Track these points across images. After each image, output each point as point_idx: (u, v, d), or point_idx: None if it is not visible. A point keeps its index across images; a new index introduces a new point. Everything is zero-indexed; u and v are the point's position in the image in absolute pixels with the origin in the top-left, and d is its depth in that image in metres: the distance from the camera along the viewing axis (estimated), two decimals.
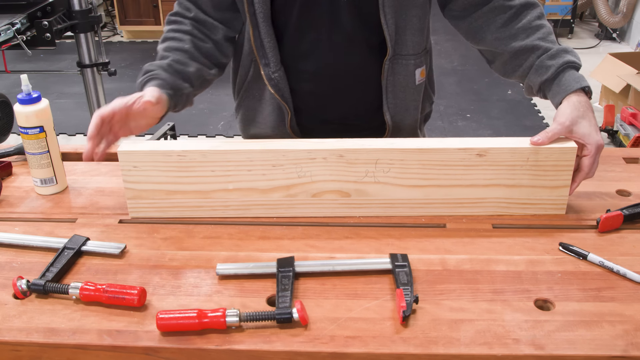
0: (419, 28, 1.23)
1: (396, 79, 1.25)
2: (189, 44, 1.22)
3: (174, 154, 1.07)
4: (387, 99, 1.27)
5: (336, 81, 1.27)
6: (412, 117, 1.32)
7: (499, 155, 1.07)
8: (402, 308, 0.86)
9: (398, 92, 1.27)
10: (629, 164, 1.30)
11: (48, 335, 0.85)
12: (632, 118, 3.36)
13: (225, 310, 0.85)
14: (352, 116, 1.32)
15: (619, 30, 5.24)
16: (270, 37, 1.20)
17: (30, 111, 1.13)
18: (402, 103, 1.28)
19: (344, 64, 1.25)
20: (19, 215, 1.14)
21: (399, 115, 1.30)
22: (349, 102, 1.30)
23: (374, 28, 1.20)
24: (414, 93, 1.29)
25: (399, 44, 1.22)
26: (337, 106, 1.31)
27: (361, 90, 1.28)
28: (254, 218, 1.12)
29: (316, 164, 1.07)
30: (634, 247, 1.03)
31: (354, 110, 1.32)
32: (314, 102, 1.29)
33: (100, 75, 2.75)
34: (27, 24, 2.37)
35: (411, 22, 1.21)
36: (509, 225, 1.10)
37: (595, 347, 0.82)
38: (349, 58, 1.24)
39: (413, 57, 1.24)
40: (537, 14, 1.20)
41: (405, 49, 1.23)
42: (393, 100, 1.27)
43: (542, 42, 1.16)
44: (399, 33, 1.21)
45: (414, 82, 1.27)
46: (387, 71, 1.24)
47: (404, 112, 1.30)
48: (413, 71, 1.26)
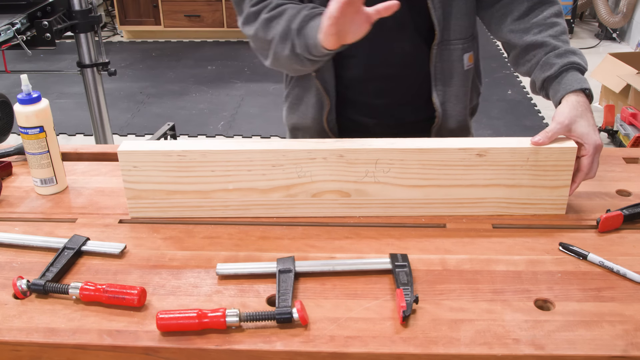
0: (466, 12, 1.23)
1: (444, 64, 1.25)
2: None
3: (174, 154, 1.07)
4: (436, 86, 1.27)
5: (384, 68, 1.26)
6: (462, 105, 1.30)
7: (499, 155, 1.07)
8: (402, 308, 0.86)
9: (447, 79, 1.26)
10: (629, 164, 1.30)
11: (48, 335, 0.85)
12: (632, 118, 3.36)
13: (225, 310, 0.85)
14: (401, 104, 1.32)
15: (619, 30, 5.24)
16: None
17: (30, 111, 1.13)
18: (451, 90, 1.28)
19: (392, 50, 1.24)
20: (19, 215, 1.14)
21: (448, 103, 1.29)
22: (397, 89, 1.29)
23: (422, 13, 1.20)
24: (463, 79, 1.28)
25: (447, 29, 1.22)
26: (384, 94, 1.30)
27: (410, 76, 1.28)
28: (254, 218, 1.12)
29: (316, 164, 1.07)
30: (634, 247, 1.03)
31: (402, 98, 1.31)
32: (361, 89, 1.28)
33: (100, 75, 2.74)
34: (27, 24, 2.36)
35: (458, 6, 1.21)
36: (509, 225, 1.10)
37: (595, 347, 0.82)
38: (397, 44, 1.24)
39: (461, 42, 1.24)
40: (555, 12, 1.20)
41: (453, 33, 1.23)
42: (442, 87, 1.27)
43: (553, 39, 1.16)
44: (446, 18, 1.21)
45: (462, 68, 1.27)
46: (436, 57, 1.24)
47: (454, 99, 1.29)
48: (461, 56, 1.26)
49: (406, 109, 1.33)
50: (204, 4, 5.20)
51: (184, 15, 5.24)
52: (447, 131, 1.32)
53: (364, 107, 1.31)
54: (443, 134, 1.32)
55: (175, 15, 5.25)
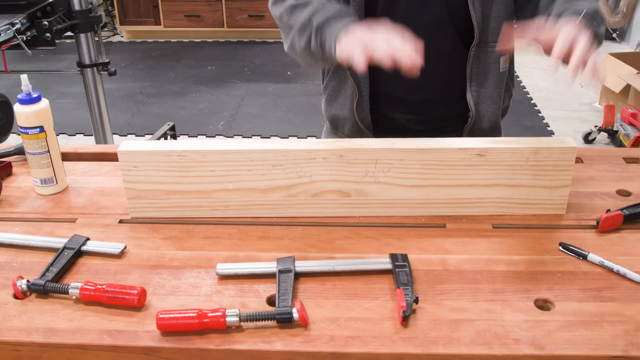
0: (505, 16, 1.24)
1: (481, 66, 1.27)
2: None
3: (174, 154, 1.07)
4: (471, 86, 1.28)
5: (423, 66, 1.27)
6: (495, 105, 1.32)
7: (499, 155, 1.07)
8: (402, 308, 0.86)
9: (482, 80, 1.28)
10: (629, 164, 1.30)
11: (48, 335, 0.85)
12: (632, 118, 3.36)
13: (225, 310, 0.85)
14: (434, 102, 1.33)
15: (619, 30, 5.24)
16: (360, 13, 1.21)
17: (30, 111, 1.13)
18: (486, 91, 1.29)
19: (430, 48, 1.25)
20: (19, 215, 1.14)
21: (482, 104, 1.30)
22: (432, 87, 1.30)
23: (462, 14, 1.21)
24: (497, 81, 1.29)
25: (485, 31, 1.23)
26: (420, 91, 1.31)
27: (446, 75, 1.29)
28: (254, 218, 1.12)
29: (316, 164, 1.07)
30: (634, 247, 1.03)
31: (437, 95, 1.32)
32: (396, 84, 1.29)
33: (100, 75, 2.74)
34: (27, 24, 2.36)
35: (497, 10, 1.22)
36: (509, 225, 1.10)
37: (595, 347, 0.82)
38: (435, 42, 1.23)
39: (498, 45, 1.25)
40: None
41: (492, 36, 1.24)
42: (476, 88, 1.28)
43: (579, 5, 1.09)
44: (485, 20, 1.22)
45: (498, 70, 1.28)
46: (473, 58, 1.25)
47: (488, 100, 1.30)
48: (497, 59, 1.27)
49: (439, 107, 1.34)
50: (204, 4, 5.20)
51: (184, 15, 5.24)
52: (480, 131, 1.33)
53: (398, 102, 1.32)
54: (475, 134, 1.34)
55: (175, 15, 5.25)
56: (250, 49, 5.23)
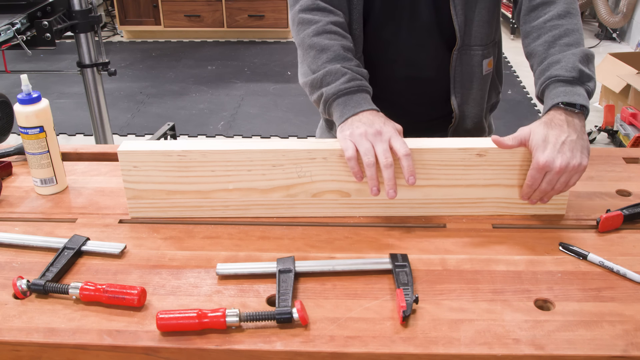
0: (488, 20, 1.25)
1: (464, 69, 1.28)
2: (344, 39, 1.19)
3: (174, 154, 1.07)
4: (455, 88, 1.30)
5: (410, 70, 1.30)
6: (479, 107, 1.34)
7: (499, 155, 1.07)
8: (402, 308, 0.86)
9: (465, 82, 1.30)
10: (629, 164, 1.30)
11: (48, 335, 0.85)
12: (632, 118, 3.36)
13: (225, 310, 0.85)
14: (419, 104, 1.36)
15: (619, 30, 5.24)
16: (359, 25, 1.23)
17: (30, 111, 1.13)
18: (469, 92, 1.31)
19: (418, 53, 1.29)
20: (19, 215, 1.14)
21: (466, 105, 1.33)
22: (420, 90, 1.33)
23: (446, 19, 1.23)
24: (480, 83, 1.31)
25: (468, 35, 1.25)
26: (408, 95, 1.34)
27: (432, 79, 1.32)
28: (254, 218, 1.12)
29: (316, 164, 1.07)
30: (634, 247, 1.03)
31: (423, 98, 1.35)
32: (388, 89, 1.31)
33: (100, 75, 2.75)
34: (27, 24, 2.37)
35: (480, 14, 1.24)
36: (509, 225, 1.10)
37: (595, 347, 0.82)
38: (423, 48, 1.28)
39: (481, 48, 1.27)
40: (558, 12, 1.14)
41: (474, 40, 1.25)
42: (460, 90, 1.30)
43: (543, 47, 1.12)
44: (467, 24, 1.23)
45: (481, 73, 1.30)
46: (455, 61, 1.27)
47: (472, 102, 1.33)
48: (480, 62, 1.28)
49: (424, 109, 1.37)
50: (204, 4, 5.20)
51: (184, 15, 5.25)
52: (464, 131, 1.36)
53: (386, 105, 1.33)
54: (460, 134, 1.36)
55: (175, 15, 5.25)
56: (250, 49, 5.23)
